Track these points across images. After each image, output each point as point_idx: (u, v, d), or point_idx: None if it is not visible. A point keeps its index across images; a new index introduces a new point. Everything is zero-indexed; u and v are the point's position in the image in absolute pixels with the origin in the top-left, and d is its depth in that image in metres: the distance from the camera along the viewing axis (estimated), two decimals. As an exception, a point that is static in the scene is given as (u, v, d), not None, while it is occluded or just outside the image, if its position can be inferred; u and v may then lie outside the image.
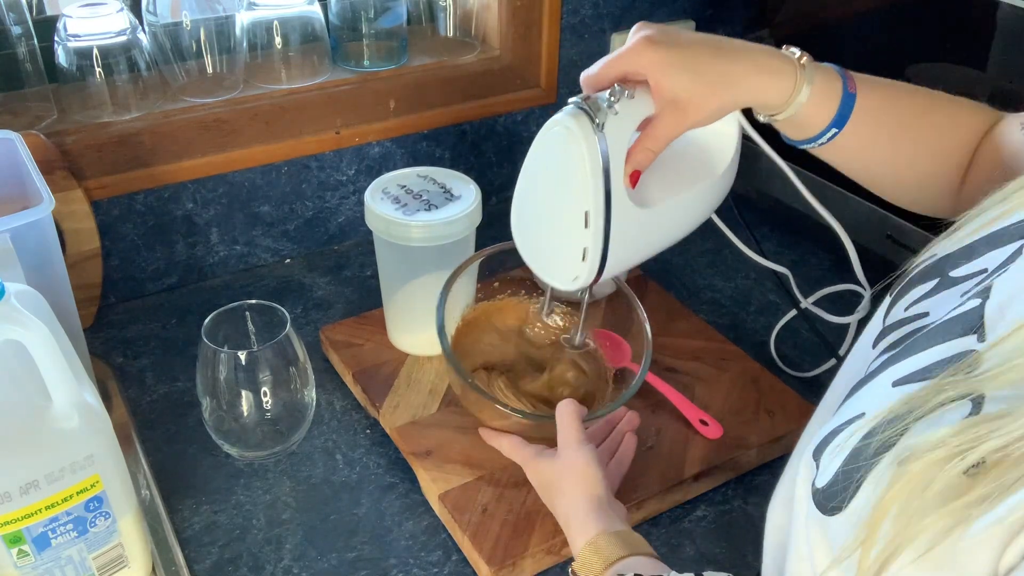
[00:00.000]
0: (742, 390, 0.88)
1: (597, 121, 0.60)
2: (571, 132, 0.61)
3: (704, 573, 0.55)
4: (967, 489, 0.36)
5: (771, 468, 0.83)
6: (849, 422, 0.45)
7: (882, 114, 0.66)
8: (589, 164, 0.61)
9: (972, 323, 0.44)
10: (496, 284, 0.88)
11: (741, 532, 0.77)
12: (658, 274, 1.08)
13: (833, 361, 0.92)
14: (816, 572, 0.45)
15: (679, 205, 0.69)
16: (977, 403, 0.39)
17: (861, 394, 0.48)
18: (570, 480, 0.68)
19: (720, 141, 0.72)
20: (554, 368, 0.84)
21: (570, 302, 0.89)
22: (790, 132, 0.68)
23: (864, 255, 0.91)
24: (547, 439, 0.74)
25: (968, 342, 0.43)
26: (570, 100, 0.62)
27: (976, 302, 0.45)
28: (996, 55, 0.87)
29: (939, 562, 0.37)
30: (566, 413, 0.72)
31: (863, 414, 0.44)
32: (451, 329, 0.82)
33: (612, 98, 0.61)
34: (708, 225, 1.00)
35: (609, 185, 0.62)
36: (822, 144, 0.67)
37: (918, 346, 0.46)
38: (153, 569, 0.70)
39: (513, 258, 0.86)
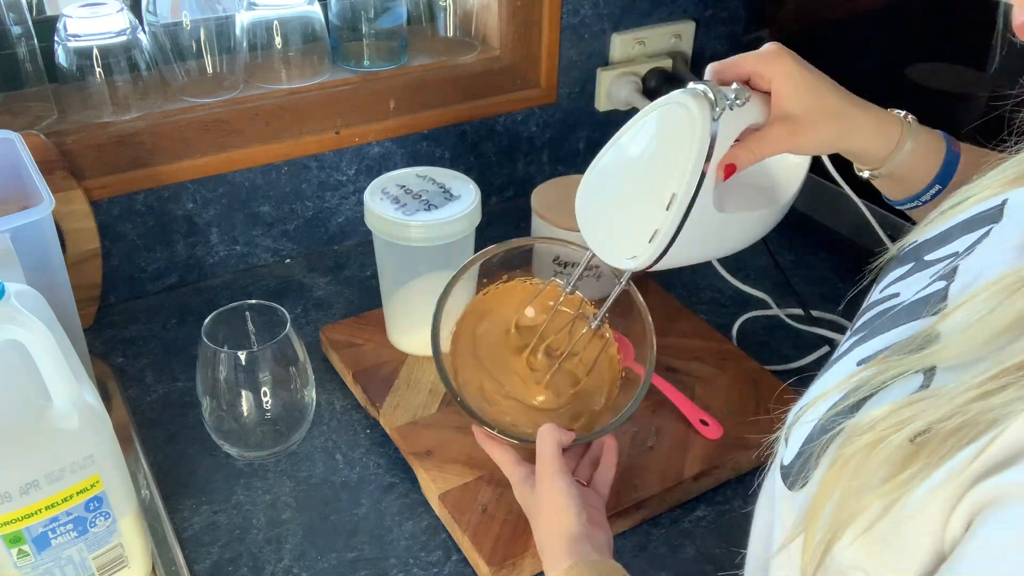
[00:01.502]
0: (742, 390, 0.88)
1: (717, 109, 0.61)
2: (690, 113, 0.61)
3: None
4: (905, 465, 0.37)
5: (771, 468, 0.83)
6: (814, 401, 0.46)
7: None
8: (697, 148, 0.61)
9: (936, 303, 0.45)
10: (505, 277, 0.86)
11: (741, 532, 0.76)
12: (658, 274, 1.08)
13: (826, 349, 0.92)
14: (790, 551, 0.45)
15: (745, 222, 0.70)
16: (928, 376, 0.40)
17: (829, 373, 0.49)
18: (545, 513, 0.66)
19: (790, 173, 0.72)
20: (562, 361, 0.82)
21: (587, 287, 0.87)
22: (890, 189, 0.68)
23: (864, 255, 0.91)
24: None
25: (930, 321, 0.44)
26: (692, 84, 0.63)
27: (942, 284, 0.46)
28: (996, 55, 0.87)
29: (884, 539, 0.38)
30: (545, 440, 0.69)
31: (824, 393, 0.45)
32: (452, 326, 0.81)
33: (736, 98, 0.62)
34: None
35: (704, 175, 0.62)
36: (925, 202, 0.67)
37: (884, 327, 0.48)
38: (153, 569, 0.70)
39: (505, 262, 0.85)
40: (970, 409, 0.36)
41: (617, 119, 1.26)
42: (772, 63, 0.64)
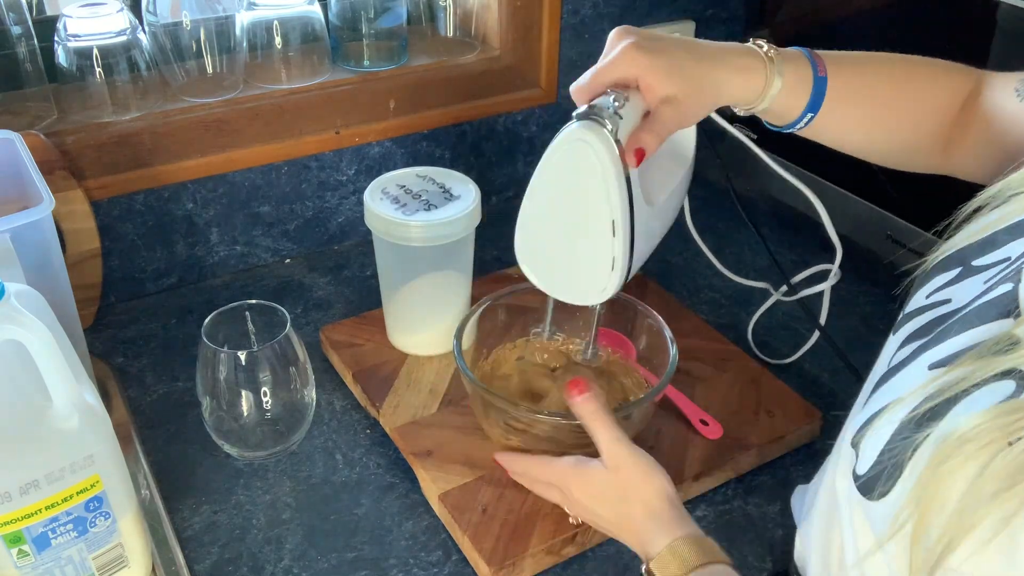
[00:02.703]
0: (742, 390, 0.88)
1: (610, 128, 0.61)
2: (590, 144, 0.61)
3: None
4: (1016, 477, 0.36)
5: (771, 468, 0.83)
6: (885, 408, 0.46)
7: (856, 91, 0.67)
8: (613, 173, 0.61)
9: (1007, 306, 0.45)
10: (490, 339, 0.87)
11: (741, 532, 0.77)
12: (658, 274, 1.08)
13: (817, 335, 0.92)
14: (859, 556, 0.45)
15: (672, 196, 0.71)
16: (1020, 382, 0.39)
17: (894, 381, 0.49)
18: (639, 488, 0.65)
19: (683, 133, 0.74)
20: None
21: (565, 322, 0.87)
22: (769, 119, 0.70)
23: (864, 255, 0.91)
24: (579, 445, 0.70)
25: (1004, 324, 0.44)
26: (574, 114, 0.62)
27: (1009, 286, 0.46)
28: (996, 55, 0.87)
29: (999, 555, 0.37)
30: (589, 414, 0.67)
31: (899, 399, 0.45)
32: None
33: (616, 103, 0.61)
34: (707, 227, 1.00)
35: (631, 190, 0.62)
36: (801, 128, 0.68)
37: (952, 331, 0.47)
38: (153, 569, 0.70)
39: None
40: None
41: (617, 119, 1.26)
42: (630, 64, 0.62)
